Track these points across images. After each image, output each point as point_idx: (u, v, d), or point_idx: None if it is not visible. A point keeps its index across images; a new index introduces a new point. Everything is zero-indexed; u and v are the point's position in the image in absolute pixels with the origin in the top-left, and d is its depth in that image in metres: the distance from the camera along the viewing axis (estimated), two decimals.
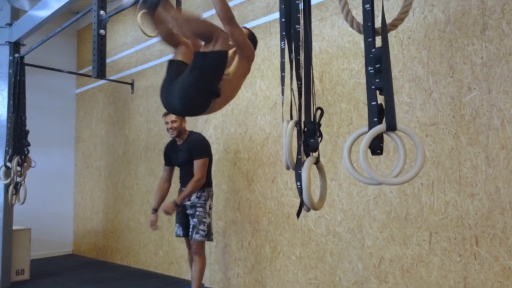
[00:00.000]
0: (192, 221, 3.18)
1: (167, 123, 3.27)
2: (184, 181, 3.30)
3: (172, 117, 3.22)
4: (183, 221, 3.31)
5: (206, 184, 3.25)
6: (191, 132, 3.39)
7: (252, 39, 2.21)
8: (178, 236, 3.36)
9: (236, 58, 1.93)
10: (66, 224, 5.80)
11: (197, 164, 3.18)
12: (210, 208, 3.26)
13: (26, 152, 4.01)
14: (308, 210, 1.62)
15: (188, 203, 3.22)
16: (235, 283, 3.60)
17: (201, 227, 3.15)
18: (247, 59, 1.96)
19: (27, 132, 4.04)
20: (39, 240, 5.12)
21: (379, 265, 2.71)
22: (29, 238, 4.38)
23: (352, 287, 2.83)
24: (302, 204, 1.62)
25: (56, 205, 5.67)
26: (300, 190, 1.57)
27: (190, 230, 3.19)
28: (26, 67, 4.29)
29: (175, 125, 3.24)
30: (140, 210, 4.70)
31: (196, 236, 3.13)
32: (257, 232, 3.49)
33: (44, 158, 5.26)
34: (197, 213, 3.17)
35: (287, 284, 3.23)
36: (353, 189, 2.87)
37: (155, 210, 3.32)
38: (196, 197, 3.21)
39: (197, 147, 3.24)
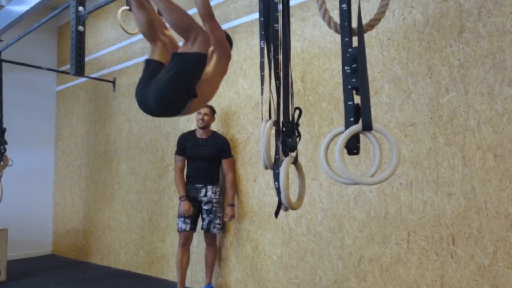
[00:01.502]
0: (209, 217, 3.39)
1: (199, 113, 3.38)
2: (198, 176, 3.43)
3: (206, 110, 3.39)
4: (193, 214, 3.36)
5: (219, 180, 3.50)
6: (215, 132, 3.54)
7: (228, 38, 2.20)
8: (182, 231, 3.36)
9: (214, 57, 1.92)
10: (46, 224, 5.68)
11: (229, 162, 3.44)
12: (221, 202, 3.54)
13: (3, 151, 3.93)
14: (286, 209, 1.62)
15: (204, 198, 3.40)
16: (216, 283, 3.58)
17: (217, 221, 3.40)
18: (225, 58, 1.94)
19: (4, 130, 3.97)
20: (17, 241, 5.00)
21: (358, 264, 2.73)
22: (5, 239, 4.28)
23: (332, 286, 2.85)
24: (280, 203, 1.62)
25: (35, 204, 5.54)
26: (278, 190, 1.57)
27: (205, 224, 3.40)
28: (4, 64, 4.19)
29: (206, 117, 3.39)
30: (121, 209, 4.64)
31: (214, 230, 3.40)
32: (238, 231, 3.48)
33: (23, 157, 5.14)
34: (214, 208, 3.39)
35: (268, 284, 3.23)
36: (333, 189, 2.89)
37: (186, 197, 3.38)
38: (212, 192, 3.42)
39: (228, 146, 3.47)
